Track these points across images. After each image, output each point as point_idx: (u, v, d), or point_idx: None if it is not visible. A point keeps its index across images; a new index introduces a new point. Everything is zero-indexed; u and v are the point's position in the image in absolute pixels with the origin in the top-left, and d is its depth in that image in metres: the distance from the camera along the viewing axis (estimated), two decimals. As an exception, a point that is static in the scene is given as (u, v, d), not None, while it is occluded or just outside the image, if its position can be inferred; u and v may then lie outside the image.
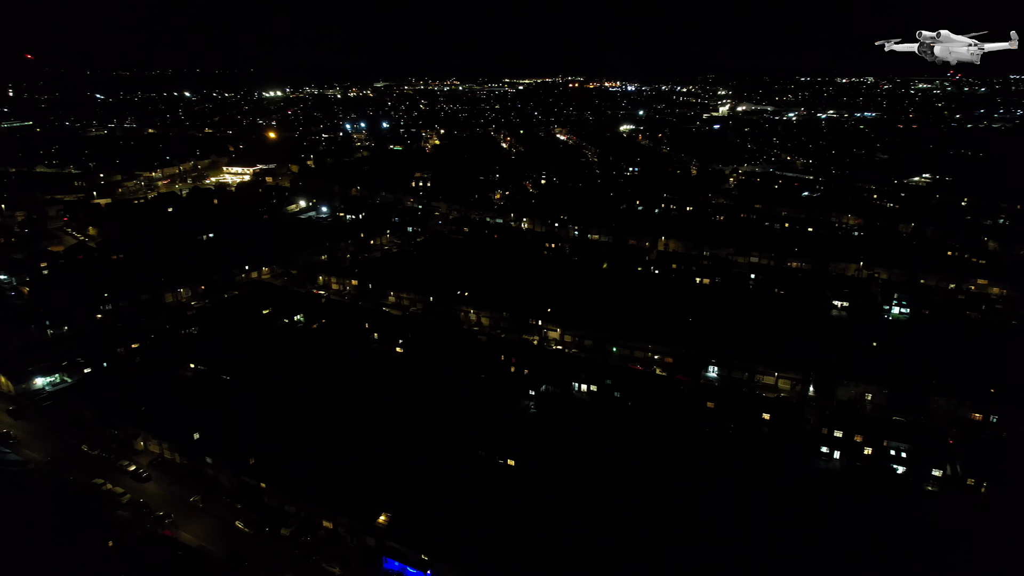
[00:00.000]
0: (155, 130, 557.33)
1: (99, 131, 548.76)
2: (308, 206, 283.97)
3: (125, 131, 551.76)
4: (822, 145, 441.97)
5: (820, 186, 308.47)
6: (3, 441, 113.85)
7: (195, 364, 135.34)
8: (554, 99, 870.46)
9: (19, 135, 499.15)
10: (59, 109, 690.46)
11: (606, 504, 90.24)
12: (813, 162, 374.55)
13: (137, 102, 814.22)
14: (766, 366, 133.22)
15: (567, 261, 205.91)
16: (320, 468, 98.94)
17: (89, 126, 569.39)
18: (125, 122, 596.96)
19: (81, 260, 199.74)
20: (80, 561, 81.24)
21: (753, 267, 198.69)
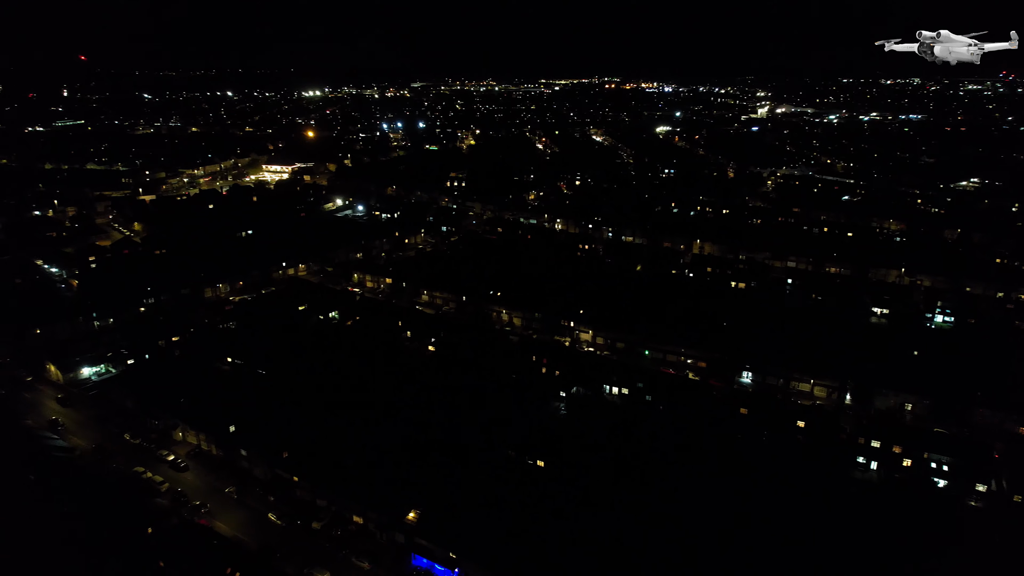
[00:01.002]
0: (198, 129, 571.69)
1: (145, 130, 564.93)
2: (345, 204, 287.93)
3: (170, 130, 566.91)
4: (864, 148, 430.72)
5: (861, 190, 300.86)
6: (51, 428, 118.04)
7: (232, 358, 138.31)
8: (590, 100, 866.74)
9: (72, 133, 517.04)
10: (109, 108, 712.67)
11: (635, 508, 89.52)
12: (854, 165, 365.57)
13: (182, 101, 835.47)
14: (801, 373, 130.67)
15: (600, 263, 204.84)
16: (352, 464, 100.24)
17: (136, 125, 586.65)
18: (170, 121, 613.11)
19: (126, 255, 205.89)
20: (121, 546, 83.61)
21: (790, 272, 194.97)
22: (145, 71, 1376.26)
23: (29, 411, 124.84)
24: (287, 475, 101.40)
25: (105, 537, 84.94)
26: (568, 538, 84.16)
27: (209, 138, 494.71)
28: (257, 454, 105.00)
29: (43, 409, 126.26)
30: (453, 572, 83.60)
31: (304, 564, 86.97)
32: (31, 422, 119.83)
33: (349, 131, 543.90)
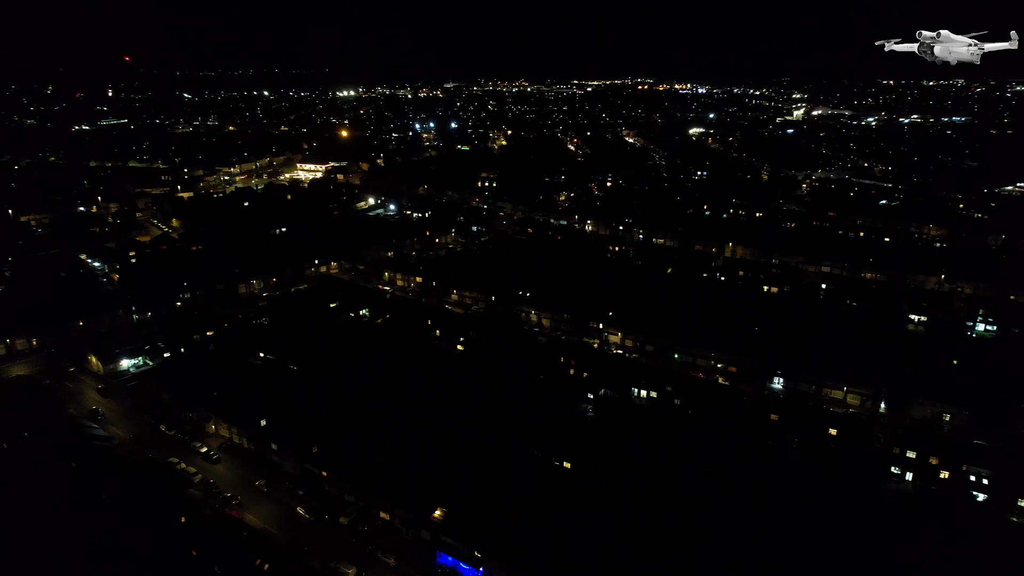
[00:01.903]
0: (235, 128, 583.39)
1: (185, 128, 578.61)
2: (377, 203, 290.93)
3: (208, 128, 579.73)
4: (903, 151, 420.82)
5: (899, 194, 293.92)
6: (92, 417, 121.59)
7: (264, 353, 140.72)
8: (622, 101, 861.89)
9: (115, 132, 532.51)
10: (151, 108, 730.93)
11: (662, 512, 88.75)
12: (893, 169, 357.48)
13: (220, 101, 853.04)
14: (834, 379, 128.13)
15: (630, 265, 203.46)
16: (379, 460, 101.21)
17: (176, 124, 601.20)
18: (208, 120, 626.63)
19: (164, 250, 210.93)
20: (156, 534, 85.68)
21: (824, 277, 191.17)
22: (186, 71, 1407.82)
23: (71, 400, 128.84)
24: (316, 470, 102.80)
25: (140, 525, 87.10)
26: (594, 540, 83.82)
27: (245, 137, 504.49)
28: (287, 448, 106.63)
29: (84, 399, 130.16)
30: (478, 571, 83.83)
31: (331, 558, 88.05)
32: (73, 411, 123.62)
33: (382, 131, 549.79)
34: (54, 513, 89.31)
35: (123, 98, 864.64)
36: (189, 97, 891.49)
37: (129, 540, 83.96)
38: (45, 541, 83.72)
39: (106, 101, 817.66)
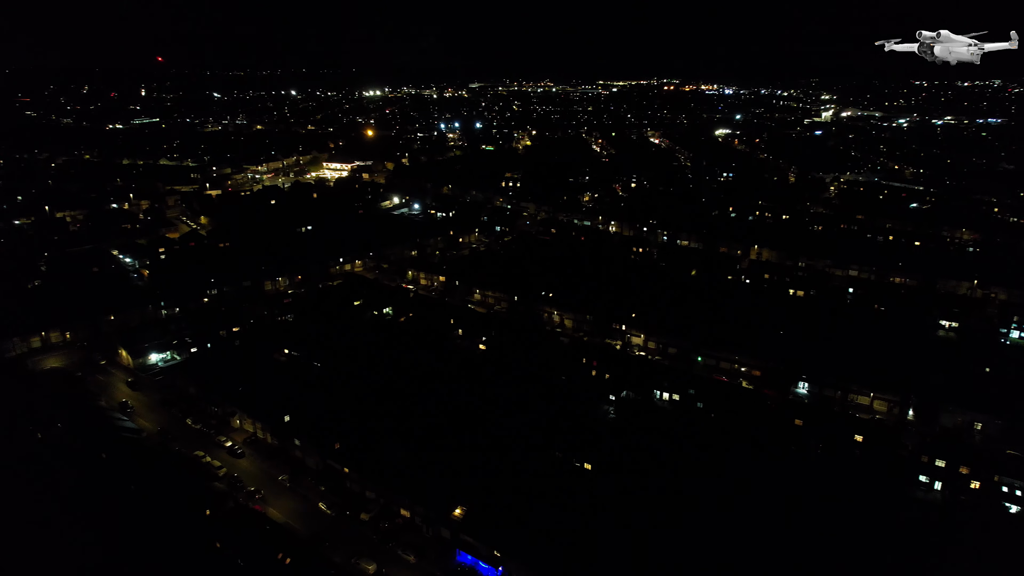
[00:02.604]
0: (263, 127, 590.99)
1: (214, 127, 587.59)
2: (401, 203, 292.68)
3: (236, 127, 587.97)
4: (936, 153, 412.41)
5: (931, 197, 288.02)
6: (121, 410, 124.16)
7: (289, 350, 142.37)
8: (648, 102, 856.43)
9: (147, 131, 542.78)
10: (182, 107, 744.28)
11: (683, 516, 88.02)
12: (924, 172, 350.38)
13: (248, 100, 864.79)
14: (861, 385, 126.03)
15: (654, 266, 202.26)
16: (401, 458, 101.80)
17: (206, 122, 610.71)
18: (237, 119, 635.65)
19: (193, 247, 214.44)
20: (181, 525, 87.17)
21: (852, 281, 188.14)
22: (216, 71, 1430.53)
23: (102, 392, 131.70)
24: (338, 466, 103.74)
25: (167, 516, 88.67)
26: (614, 542, 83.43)
27: (273, 136, 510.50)
28: (310, 444, 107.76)
29: (114, 391, 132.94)
30: (497, 570, 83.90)
31: (352, 554, 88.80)
32: (104, 403, 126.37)
33: (407, 130, 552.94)
34: (84, 501, 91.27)
35: (155, 97, 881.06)
36: (219, 96, 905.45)
37: (155, 530, 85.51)
38: (75, 528, 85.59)
39: (139, 100, 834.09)
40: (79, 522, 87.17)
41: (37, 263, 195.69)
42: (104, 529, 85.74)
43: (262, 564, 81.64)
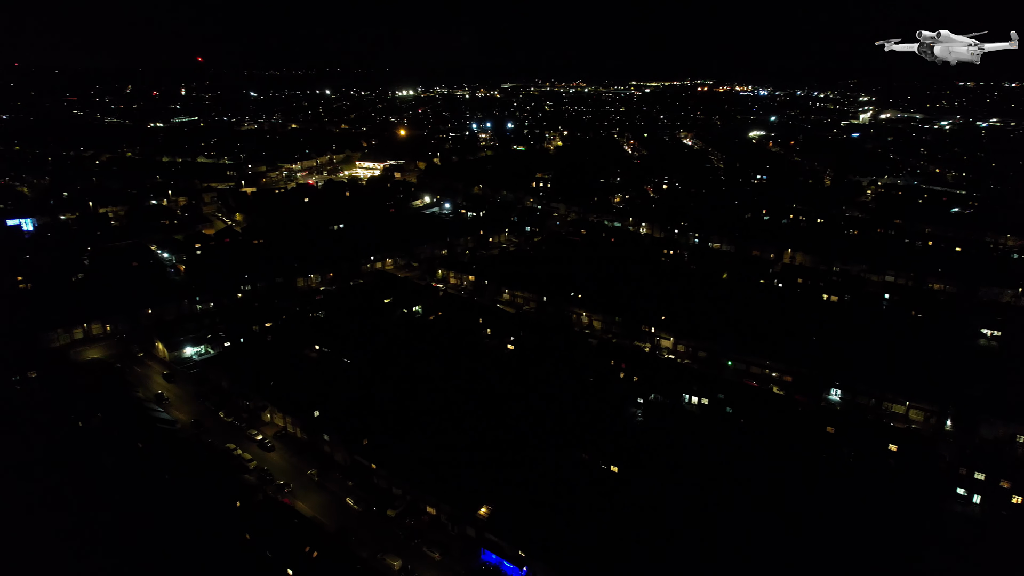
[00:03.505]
0: (297, 125, 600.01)
1: (250, 126, 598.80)
2: (432, 202, 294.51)
3: (272, 126, 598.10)
4: (980, 156, 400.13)
5: (974, 202, 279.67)
6: (157, 401, 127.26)
7: (320, 346, 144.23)
8: (681, 103, 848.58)
9: (186, 129, 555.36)
10: (219, 106, 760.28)
11: (710, 522, 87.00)
12: (967, 175, 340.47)
13: (284, 99, 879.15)
14: (896, 393, 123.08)
15: (685, 269, 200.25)
16: (428, 455, 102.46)
17: (242, 121, 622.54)
18: (272, 118, 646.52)
19: (228, 243, 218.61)
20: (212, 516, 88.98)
21: (888, 286, 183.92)
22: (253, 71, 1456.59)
23: (139, 384, 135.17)
24: (366, 462, 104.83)
25: (199, 506, 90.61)
26: (639, 546, 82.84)
27: (307, 134, 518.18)
28: (338, 440, 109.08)
29: (151, 383, 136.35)
30: (522, 570, 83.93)
31: (378, 549, 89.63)
32: (141, 394, 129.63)
33: (439, 130, 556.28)
34: (120, 489, 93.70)
35: (194, 97, 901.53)
36: (255, 96, 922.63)
37: (188, 520, 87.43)
38: (111, 515, 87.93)
39: (179, 100, 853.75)
40: (115, 509, 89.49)
41: (80, 257, 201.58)
42: (139, 517, 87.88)
43: (290, 557, 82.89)
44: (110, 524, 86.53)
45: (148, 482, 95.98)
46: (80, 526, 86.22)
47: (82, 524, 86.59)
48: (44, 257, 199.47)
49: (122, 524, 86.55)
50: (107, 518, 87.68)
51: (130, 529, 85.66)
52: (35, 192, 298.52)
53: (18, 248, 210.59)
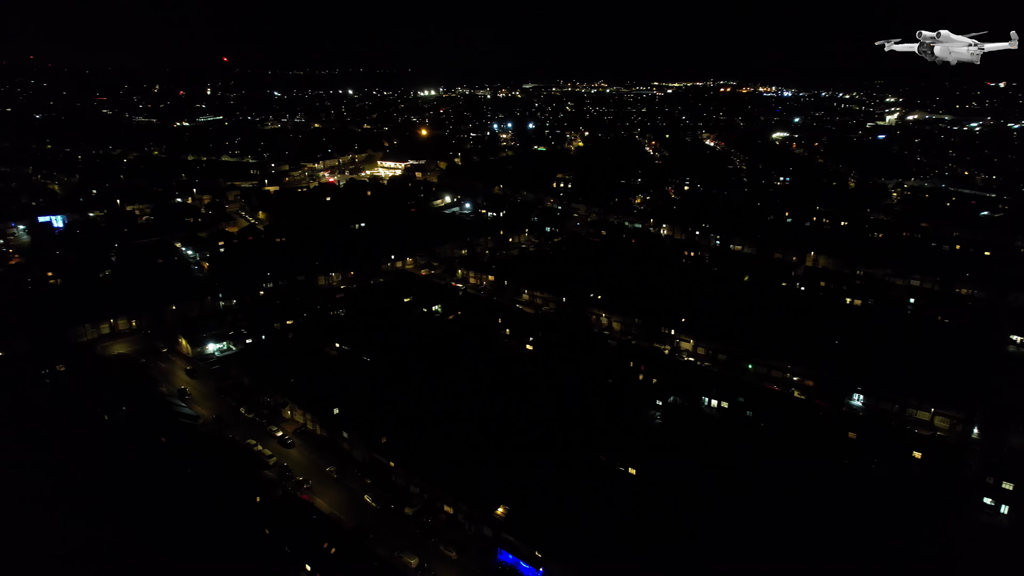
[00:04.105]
0: (320, 125, 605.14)
1: (274, 125, 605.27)
2: (453, 202, 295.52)
3: (295, 125, 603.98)
4: (1011, 159, 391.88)
5: (1004, 205, 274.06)
6: (180, 396, 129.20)
7: (340, 344, 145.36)
8: (703, 103, 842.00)
9: (211, 128, 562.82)
10: (244, 105, 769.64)
11: (730, 526, 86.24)
12: (997, 178, 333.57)
13: (307, 99, 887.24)
14: (921, 399, 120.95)
15: (706, 271, 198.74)
16: (446, 454, 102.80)
17: (266, 120, 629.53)
18: (295, 117, 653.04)
19: (251, 241, 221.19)
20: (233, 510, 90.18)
21: (913, 291, 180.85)
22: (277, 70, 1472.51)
23: (163, 379, 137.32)
24: (384, 460, 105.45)
25: (219, 501, 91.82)
26: (657, 549, 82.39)
27: (330, 134, 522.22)
28: (357, 437, 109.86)
29: (174, 378, 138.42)
30: (538, 571, 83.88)
31: (395, 547, 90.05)
32: (164, 389, 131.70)
33: (460, 130, 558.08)
34: (144, 482, 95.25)
35: (219, 96, 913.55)
36: (279, 95, 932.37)
37: (208, 514, 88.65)
38: (133, 506, 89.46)
39: (204, 99, 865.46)
40: (138, 501, 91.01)
41: (108, 254, 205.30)
42: (161, 509, 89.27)
43: (308, 553, 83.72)
44: (132, 516, 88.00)
45: (170, 476, 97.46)
46: (103, 517, 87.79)
47: (105, 515, 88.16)
48: (73, 253, 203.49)
49: (144, 516, 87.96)
50: (130, 510, 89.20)
51: (152, 521, 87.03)
52: (65, 189, 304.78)
53: (49, 244, 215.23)
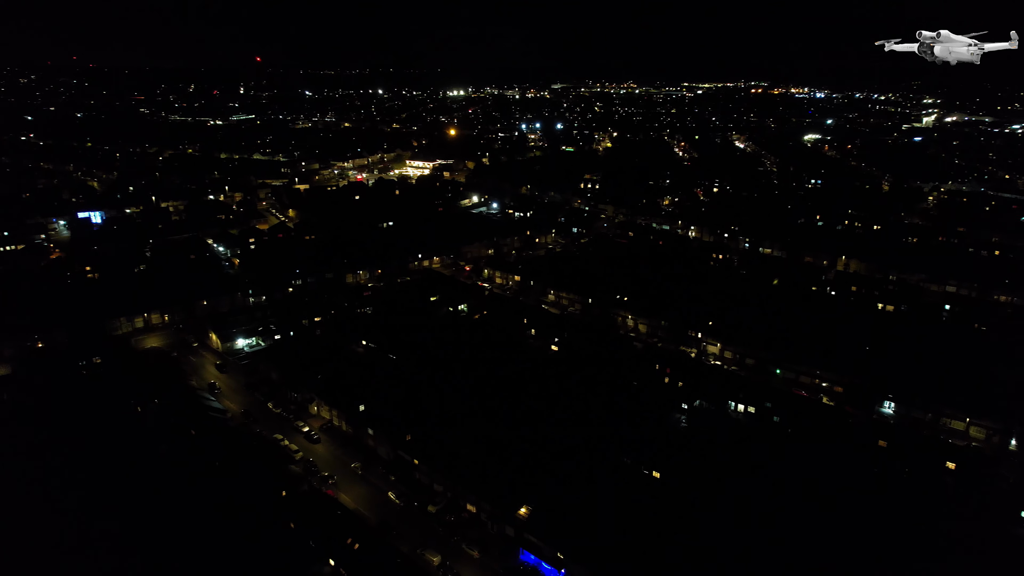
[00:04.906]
0: (350, 124, 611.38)
1: (304, 124, 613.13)
2: (480, 201, 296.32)
3: (325, 124, 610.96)
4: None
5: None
6: (210, 390, 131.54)
7: (367, 341, 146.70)
8: (734, 104, 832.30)
9: (243, 127, 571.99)
10: (276, 104, 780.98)
11: (752, 532, 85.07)
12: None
13: (337, 99, 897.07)
14: (955, 408, 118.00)
15: (734, 274, 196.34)
16: (469, 453, 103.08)
17: (297, 119, 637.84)
18: (326, 116, 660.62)
19: (280, 239, 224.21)
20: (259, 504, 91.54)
21: (949, 297, 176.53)
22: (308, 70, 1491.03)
23: (194, 373, 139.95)
24: (408, 457, 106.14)
25: (246, 494, 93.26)
26: (679, 554, 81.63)
27: (359, 133, 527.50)
28: (382, 434, 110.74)
29: (204, 372, 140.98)
30: (560, 572, 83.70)
31: (418, 544, 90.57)
32: (194, 382, 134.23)
33: (489, 130, 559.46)
34: (173, 473, 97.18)
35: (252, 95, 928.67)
36: (310, 95, 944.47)
37: (235, 506, 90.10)
38: (162, 496, 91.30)
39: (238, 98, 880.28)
40: (167, 491, 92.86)
41: (143, 249, 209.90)
42: (189, 500, 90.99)
43: (332, 548, 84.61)
44: (161, 506, 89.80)
45: (199, 468, 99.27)
46: (133, 506, 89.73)
47: (135, 504, 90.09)
48: (110, 249, 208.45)
49: (172, 507, 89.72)
50: (158, 500, 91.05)
51: (180, 512, 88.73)
52: (104, 186, 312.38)
53: (88, 240, 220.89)
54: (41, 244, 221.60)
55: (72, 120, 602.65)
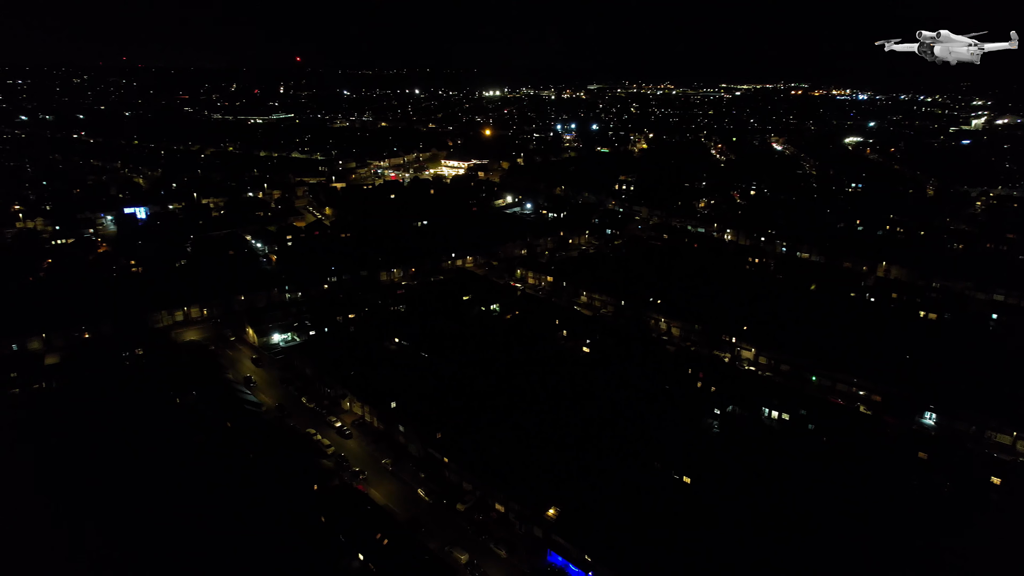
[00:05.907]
0: (387, 124, 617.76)
1: (342, 123, 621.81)
2: (514, 202, 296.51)
3: (363, 124, 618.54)
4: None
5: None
6: (245, 384, 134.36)
7: (399, 339, 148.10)
8: (773, 106, 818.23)
9: (283, 125, 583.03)
10: (314, 103, 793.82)
11: (785, 540, 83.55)
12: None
13: (375, 98, 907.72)
14: (1001, 421, 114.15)
15: (771, 278, 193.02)
16: (499, 453, 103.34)
17: (335, 118, 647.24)
18: (363, 116, 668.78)
19: (317, 236, 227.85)
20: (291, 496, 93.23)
21: (996, 306, 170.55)
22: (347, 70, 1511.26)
23: (230, 366, 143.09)
24: (438, 455, 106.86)
25: (279, 486, 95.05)
26: (710, 560, 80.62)
27: (396, 133, 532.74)
28: (413, 432, 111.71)
29: (240, 366, 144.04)
30: (587, 575, 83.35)
31: (446, 542, 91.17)
32: (231, 376, 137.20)
33: (524, 131, 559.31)
34: (209, 464, 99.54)
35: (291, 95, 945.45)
36: (348, 94, 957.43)
37: (267, 498, 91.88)
38: (197, 486, 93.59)
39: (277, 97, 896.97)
40: (202, 481, 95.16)
41: (184, 244, 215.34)
42: (224, 491, 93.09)
43: (362, 542, 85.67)
44: (196, 495, 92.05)
45: (234, 459, 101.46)
46: (169, 494, 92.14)
47: (171, 492, 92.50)
48: (153, 243, 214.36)
49: (207, 496, 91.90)
50: (194, 489, 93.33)
51: (214, 501, 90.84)
52: (149, 183, 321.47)
53: (133, 235, 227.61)
54: (89, 238, 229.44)
55: (120, 118, 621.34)
